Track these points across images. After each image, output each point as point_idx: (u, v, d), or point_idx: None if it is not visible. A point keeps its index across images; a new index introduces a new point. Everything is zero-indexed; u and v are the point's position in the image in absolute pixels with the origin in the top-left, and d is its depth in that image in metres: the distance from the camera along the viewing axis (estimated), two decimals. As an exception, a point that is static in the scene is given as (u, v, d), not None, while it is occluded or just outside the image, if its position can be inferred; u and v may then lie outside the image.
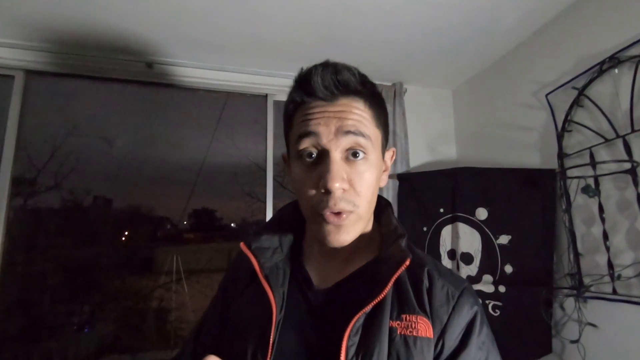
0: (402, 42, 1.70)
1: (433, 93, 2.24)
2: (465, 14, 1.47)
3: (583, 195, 1.31)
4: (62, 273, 1.76)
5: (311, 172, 0.52)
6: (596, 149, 1.29)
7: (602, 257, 1.25)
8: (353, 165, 0.52)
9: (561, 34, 1.49)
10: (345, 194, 0.51)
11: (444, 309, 0.51)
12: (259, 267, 0.56)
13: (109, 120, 1.89)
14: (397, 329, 0.49)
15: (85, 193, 1.83)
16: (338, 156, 0.51)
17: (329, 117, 0.51)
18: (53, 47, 1.64)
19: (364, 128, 0.52)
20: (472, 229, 1.64)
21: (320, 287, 0.57)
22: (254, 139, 2.04)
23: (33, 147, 1.71)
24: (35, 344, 1.66)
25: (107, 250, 1.87)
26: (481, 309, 0.54)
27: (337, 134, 0.50)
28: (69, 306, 1.77)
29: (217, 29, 1.56)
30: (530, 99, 1.62)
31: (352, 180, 0.51)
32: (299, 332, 0.53)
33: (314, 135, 0.51)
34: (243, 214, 2.07)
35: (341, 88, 0.52)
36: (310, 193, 0.52)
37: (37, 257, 1.74)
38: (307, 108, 0.53)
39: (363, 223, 0.55)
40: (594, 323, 1.28)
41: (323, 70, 0.52)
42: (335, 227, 0.51)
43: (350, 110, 0.52)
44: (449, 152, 2.20)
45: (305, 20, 1.51)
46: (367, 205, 0.54)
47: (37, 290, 1.72)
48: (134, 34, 1.58)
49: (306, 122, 0.52)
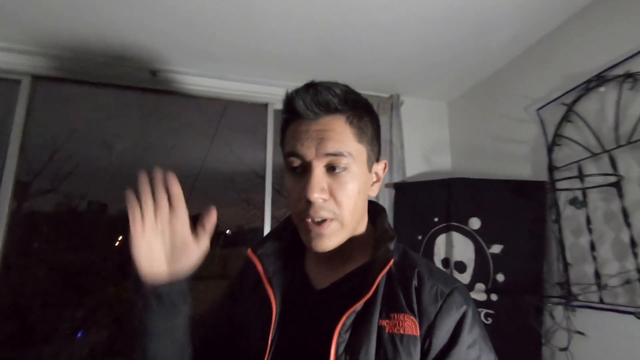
0: (398, 56, 1.76)
1: (429, 105, 2.30)
2: (460, 30, 1.54)
3: (571, 207, 1.36)
4: (56, 277, 1.75)
5: (298, 183, 0.57)
6: (584, 163, 1.34)
7: (589, 267, 1.30)
8: (334, 177, 0.56)
9: (551, 51, 1.55)
10: (325, 203, 0.55)
11: (432, 307, 0.53)
12: (263, 271, 0.61)
13: (109, 125, 1.90)
14: (386, 327, 0.52)
15: (80, 198, 1.82)
16: (320, 169, 0.55)
17: (310, 137, 0.55)
18: (60, 53, 1.67)
19: (344, 146, 0.56)
20: (465, 238, 1.68)
21: (317, 288, 0.61)
22: (253, 147, 2.06)
23: (32, 150, 1.71)
24: (28, 348, 1.65)
25: (101, 255, 1.85)
26: (473, 309, 0.55)
27: (317, 154, 0.55)
28: (63, 311, 1.75)
29: (220, 40, 1.61)
30: (522, 113, 1.68)
31: (333, 191, 0.55)
32: (296, 330, 0.57)
33: (298, 155, 0.56)
34: (240, 220, 2.07)
35: (322, 108, 0.56)
36: (296, 202, 0.57)
37: (32, 261, 1.72)
38: (294, 126, 0.58)
39: (347, 231, 0.58)
40: (582, 331, 1.32)
41: (305, 92, 0.56)
42: (317, 234, 0.56)
43: (330, 129, 0.56)
44: (444, 162, 2.25)
45: (305, 34, 1.57)
46: (350, 214, 0.57)
47: (31, 294, 1.70)
48: (138, 43, 1.62)
49: (292, 142, 0.57)
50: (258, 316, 0.59)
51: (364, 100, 0.62)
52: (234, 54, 1.73)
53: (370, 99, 2.07)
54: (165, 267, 0.55)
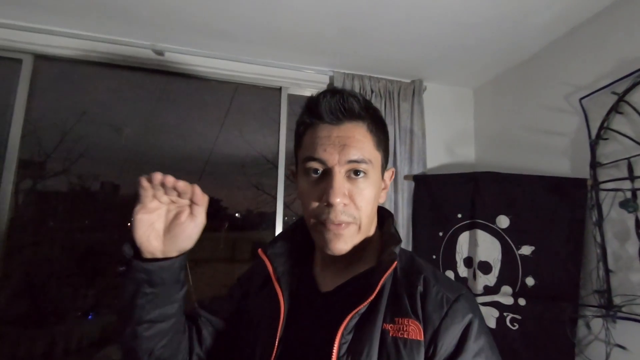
0: (424, 36, 1.61)
1: (453, 91, 2.15)
2: (496, 7, 1.38)
3: (618, 209, 1.23)
4: (68, 257, 1.75)
5: (316, 186, 0.58)
6: (635, 160, 1.20)
7: (636, 276, 1.17)
8: (354, 183, 0.57)
9: (601, 33, 1.38)
10: (346, 207, 0.56)
11: (437, 313, 0.52)
12: (273, 271, 0.62)
13: (118, 107, 1.86)
14: (390, 331, 0.52)
15: (93, 178, 1.82)
16: (341, 174, 0.56)
17: (333, 143, 0.57)
18: (63, 31, 1.58)
19: (365, 153, 0.57)
20: (492, 237, 1.57)
21: (323, 290, 0.62)
22: (264, 132, 1.99)
23: (42, 131, 1.69)
24: (39, 329, 1.65)
25: (113, 236, 1.85)
26: (480, 317, 0.54)
27: (340, 160, 0.56)
28: (75, 291, 1.75)
29: (231, 16, 1.48)
30: (562, 102, 1.52)
31: (353, 196, 0.57)
32: (302, 330, 0.58)
33: (319, 160, 0.57)
34: (249, 204, 2.06)
35: (346, 113, 0.57)
36: (313, 205, 0.58)
37: (44, 240, 1.72)
38: (316, 130, 0.59)
39: (362, 235, 0.59)
40: (623, 345, 1.20)
41: (331, 97, 0.58)
42: (335, 235, 0.57)
43: (352, 136, 0.57)
44: (467, 154, 2.12)
45: (324, 10, 1.43)
46: (367, 219, 0.59)
47: (43, 274, 1.70)
48: (144, 18, 1.51)
49: (314, 147, 0.58)
50: (266, 314, 0.61)
51: (379, 110, 0.65)
52: (247, 32, 1.61)
53: (391, 85, 1.94)
54: (161, 245, 0.56)
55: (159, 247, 0.55)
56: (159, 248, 0.55)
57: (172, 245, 0.55)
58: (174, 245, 0.55)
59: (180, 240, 0.55)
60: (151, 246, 0.54)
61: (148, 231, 0.54)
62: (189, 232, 0.56)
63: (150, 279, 0.54)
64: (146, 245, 0.54)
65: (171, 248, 0.55)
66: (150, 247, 0.54)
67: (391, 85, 1.94)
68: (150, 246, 0.54)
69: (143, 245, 0.54)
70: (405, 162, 1.90)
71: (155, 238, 0.55)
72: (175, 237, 0.55)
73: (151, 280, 0.54)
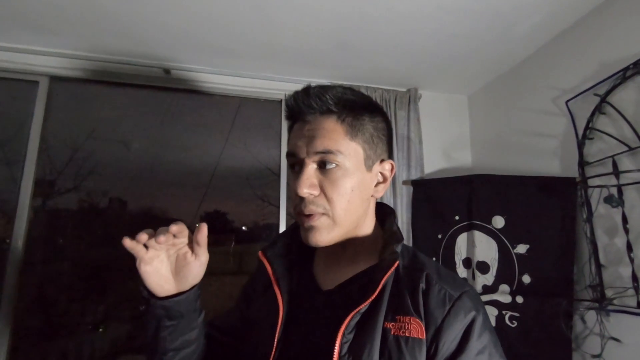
0: (417, 48, 1.69)
1: (448, 98, 2.22)
2: (482, 19, 1.46)
3: (605, 205, 1.28)
4: (79, 273, 1.80)
5: (295, 180, 0.59)
6: (619, 158, 1.25)
7: (625, 269, 1.21)
8: (326, 174, 0.57)
9: (582, 39, 1.46)
10: (316, 199, 0.56)
11: (439, 311, 0.52)
12: (272, 272, 0.62)
13: (126, 124, 1.93)
14: (391, 329, 0.52)
15: (102, 195, 1.86)
16: (311, 166, 0.57)
17: (303, 136, 0.58)
18: (76, 54, 1.69)
19: (333, 144, 0.56)
20: (488, 237, 1.61)
21: (324, 288, 0.61)
22: (268, 144, 2.05)
23: (54, 149, 1.76)
24: (51, 342, 1.70)
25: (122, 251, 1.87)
26: (484, 314, 0.54)
27: (308, 152, 0.57)
28: (85, 305, 1.80)
29: (233, 35, 1.59)
30: (550, 105, 1.59)
31: (324, 187, 0.57)
32: (302, 330, 0.58)
33: (293, 154, 0.59)
34: (255, 217, 2.07)
35: (316, 108, 0.58)
36: (294, 198, 0.59)
37: (55, 256, 1.77)
38: (293, 128, 0.62)
39: (342, 228, 0.58)
40: (617, 337, 1.24)
41: (302, 95, 0.59)
42: (309, 227, 0.57)
43: (320, 128, 0.57)
44: (464, 158, 2.17)
45: (320, 27, 1.52)
46: (342, 211, 0.57)
47: (55, 289, 1.75)
48: (152, 40, 1.61)
49: (290, 142, 0.61)
50: (267, 316, 0.60)
51: (367, 101, 0.63)
52: (248, 49, 1.70)
53: (387, 94, 2.02)
54: (174, 285, 0.58)
55: (172, 289, 0.57)
56: (171, 290, 0.57)
57: (183, 284, 0.57)
58: (185, 283, 0.58)
59: (189, 279, 0.57)
60: (163, 290, 0.56)
61: (156, 278, 0.56)
62: (196, 271, 0.58)
63: (169, 314, 0.57)
64: (159, 290, 0.56)
65: (182, 285, 0.58)
66: (163, 292, 0.57)
67: (387, 94, 2.02)
68: (162, 290, 0.56)
69: (156, 291, 0.56)
70: (403, 168, 1.96)
71: (166, 282, 0.57)
72: (184, 278, 0.57)
73: (170, 314, 0.57)
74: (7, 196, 1.63)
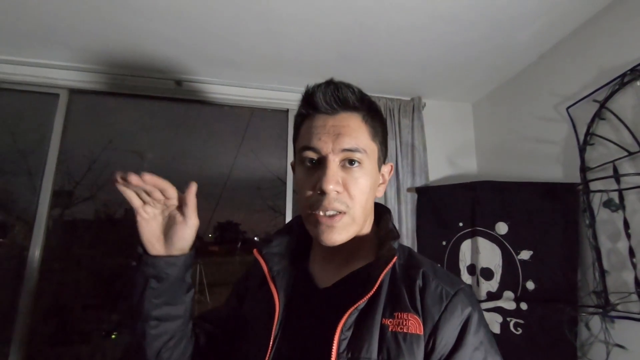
0: (419, 58, 1.73)
1: (452, 106, 2.24)
2: (483, 28, 1.49)
3: (607, 210, 1.28)
4: (94, 281, 1.85)
5: (311, 175, 0.58)
6: (620, 163, 1.25)
7: (629, 275, 1.20)
8: (349, 172, 0.57)
9: (581, 46, 1.47)
10: (339, 195, 0.56)
11: (436, 307, 0.53)
12: (268, 271, 0.62)
13: (140, 135, 2.00)
14: (389, 326, 0.52)
15: (117, 205, 1.92)
16: (335, 163, 0.57)
17: (327, 132, 0.57)
18: (94, 67, 1.78)
19: (359, 142, 0.57)
20: (492, 244, 1.62)
21: (321, 286, 0.62)
22: (277, 154, 2.09)
23: (72, 161, 1.82)
24: (65, 347, 1.75)
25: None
26: (479, 311, 0.54)
27: (333, 149, 0.57)
28: (99, 313, 1.85)
29: (240, 48, 1.66)
30: (551, 112, 1.60)
31: (347, 185, 0.57)
32: (298, 328, 0.58)
33: (314, 149, 0.58)
34: (266, 227, 2.10)
35: (340, 103, 0.58)
36: (308, 194, 0.58)
37: (71, 265, 1.83)
38: (312, 121, 0.60)
39: (356, 226, 0.59)
40: (622, 344, 1.22)
41: (325, 88, 0.59)
42: (328, 227, 0.56)
43: (347, 125, 0.58)
44: (469, 165, 2.18)
45: (323, 38, 1.58)
46: (361, 210, 0.58)
47: (70, 296, 1.81)
48: (164, 54, 1.70)
49: (310, 136, 0.59)
50: (261, 314, 0.60)
51: (376, 103, 0.64)
52: (254, 61, 1.77)
53: (391, 102, 2.06)
54: (164, 247, 0.59)
55: (162, 250, 0.58)
56: (162, 250, 0.58)
57: (172, 247, 0.58)
58: (173, 247, 0.58)
59: (176, 241, 0.58)
60: (154, 249, 0.58)
61: (150, 235, 0.57)
62: (182, 233, 0.58)
63: (157, 274, 0.57)
64: (150, 247, 0.58)
65: (171, 249, 0.58)
66: (154, 250, 0.58)
67: (391, 103, 2.05)
68: (154, 249, 0.58)
69: (148, 247, 0.58)
70: (407, 175, 1.98)
71: (157, 241, 0.58)
72: (171, 239, 0.58)
73: (158, 275, 0.57)
74: (27, 206, 1.70)
